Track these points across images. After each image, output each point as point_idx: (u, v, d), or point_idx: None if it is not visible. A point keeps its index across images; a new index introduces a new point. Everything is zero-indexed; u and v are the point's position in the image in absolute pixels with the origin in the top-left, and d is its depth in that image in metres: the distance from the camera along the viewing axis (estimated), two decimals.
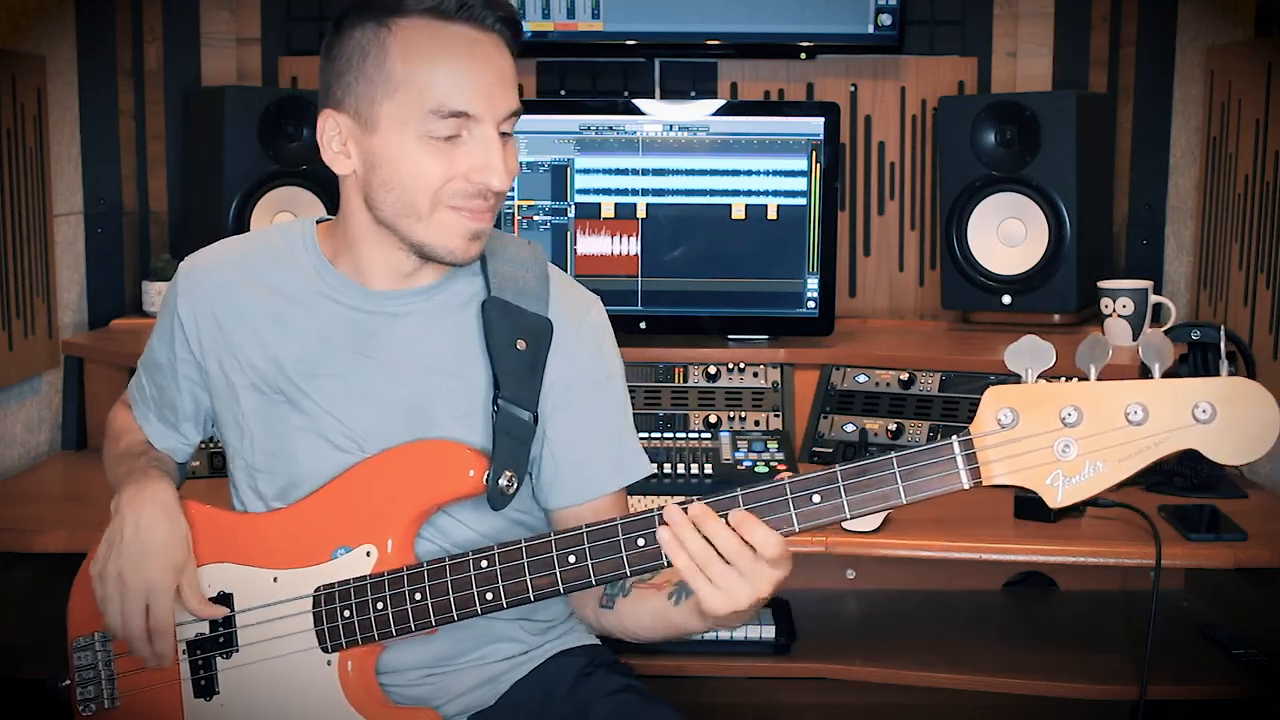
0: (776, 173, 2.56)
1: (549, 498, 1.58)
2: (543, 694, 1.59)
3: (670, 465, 2.30)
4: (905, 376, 2.49)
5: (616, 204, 2.59)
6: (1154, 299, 2.57)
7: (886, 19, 2.75)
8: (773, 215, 2.57)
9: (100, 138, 2.82)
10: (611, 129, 2.58)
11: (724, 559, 1.28)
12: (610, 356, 1.60)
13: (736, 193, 2.57)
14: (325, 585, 1.47)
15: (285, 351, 1.54)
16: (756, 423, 2.49)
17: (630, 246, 2.59)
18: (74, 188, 2.76)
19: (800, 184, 2.56)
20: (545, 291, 1.57)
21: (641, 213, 2.59)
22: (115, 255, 2.84)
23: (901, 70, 2.92)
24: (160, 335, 1.64)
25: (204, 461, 2.34)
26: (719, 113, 2.59)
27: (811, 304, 2.58)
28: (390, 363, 1.52)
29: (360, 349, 1.53)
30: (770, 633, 2.23)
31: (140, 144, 2.93)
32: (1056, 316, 2.71)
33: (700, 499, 1.31)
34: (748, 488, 1.31)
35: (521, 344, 1.52)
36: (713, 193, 2.58)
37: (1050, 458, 1.22)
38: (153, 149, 2.94)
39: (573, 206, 2.59)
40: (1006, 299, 2.71)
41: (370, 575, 1.46)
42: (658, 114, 2.58)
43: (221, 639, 1.52)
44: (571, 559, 1.37)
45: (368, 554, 1.47)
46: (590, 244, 2.59)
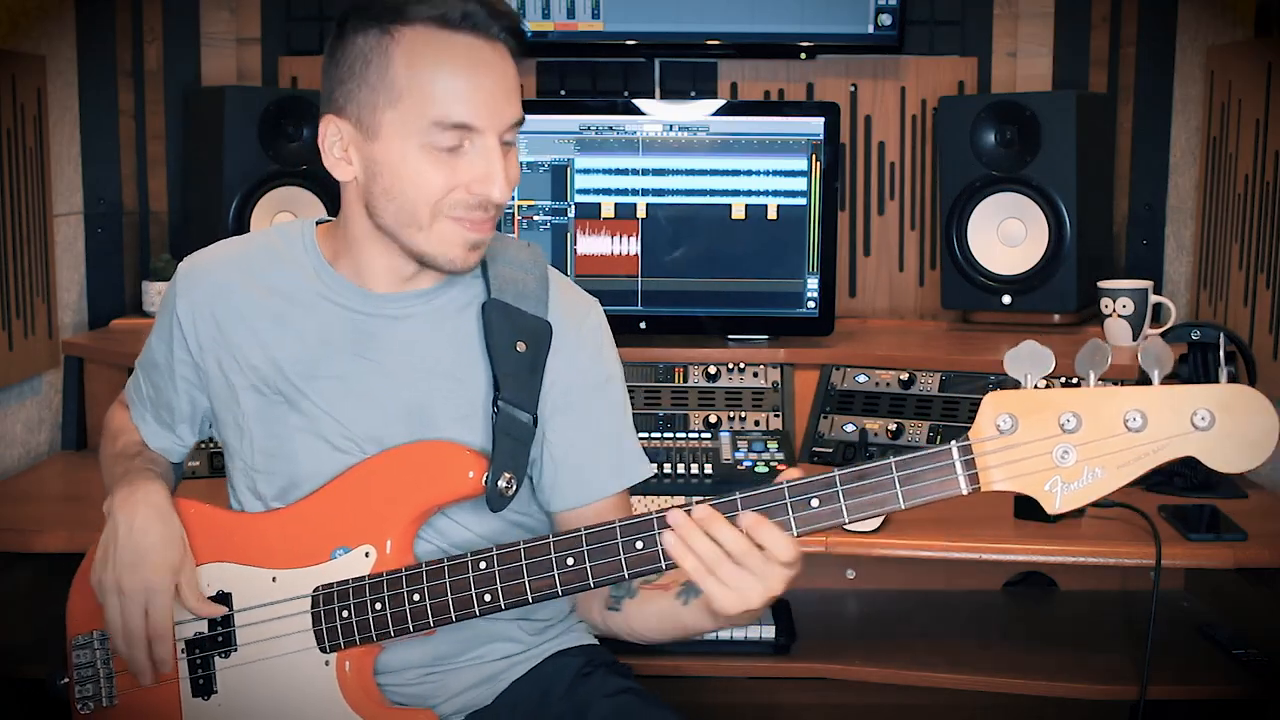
0: (776, 173, 2.56)
1: (550, 500, 1.58)
2: (540, 693, 1.59)
3: (670, 465, 2.30)
4: (905, 376, 2.49)
5: (616, 204, 2.59)
6: (1154, 299, 2.56)
7: (886, 19, 2.75)
8: (773, 215, 2.57)
9: (100, 138, 2.82)
10: (611, 129, 2.58)
11: (733, 560, 1.28)
12: (609, 359, 1.61)
13: (736, 193, 2.57)
14: (324, 585, 1.47)
15: (284, 352, 1.54)
16: (756, 423, 2.49)
17: (630, 246, 2.59)
18: (74, 188, 2.76)
19: (800, 184, 2.56)
20: (545, 294, 1.57)
21: (641, 213, 2.59)
22: (115, 255, 2.84)
23: (901, 70, 2.92)
24: (158, 335, 1.64)
25: (204, 461, 2.35)
26: (719, 113, 2.58)
27: (811, 304, 2.58)
28: (390, 365, 1.53)
29: (360, 351, 1.53)
30: (770, 633, 2.23)
31: (140, 144, 2.93)
32: (1056, 316, 2.71)
33: (706, 500, 1.31)
34: (746, 491, 1.31)
35: (521, 346, 1.52)
36: (713, 193, 2.58)
37: (1049, 464, 1.22)
38: (153, 149, 2.94)
39: (573, 206, 2.59)
40: (1006, 299, 2.71)
41: (369, 576, 1.46)
42: (658, 114, 2.58)
43: (220, 638, 1.52)
44: (570, 561, 1.38)
45: (366, 554, 1.47)
46: (590, 244, 2.59)
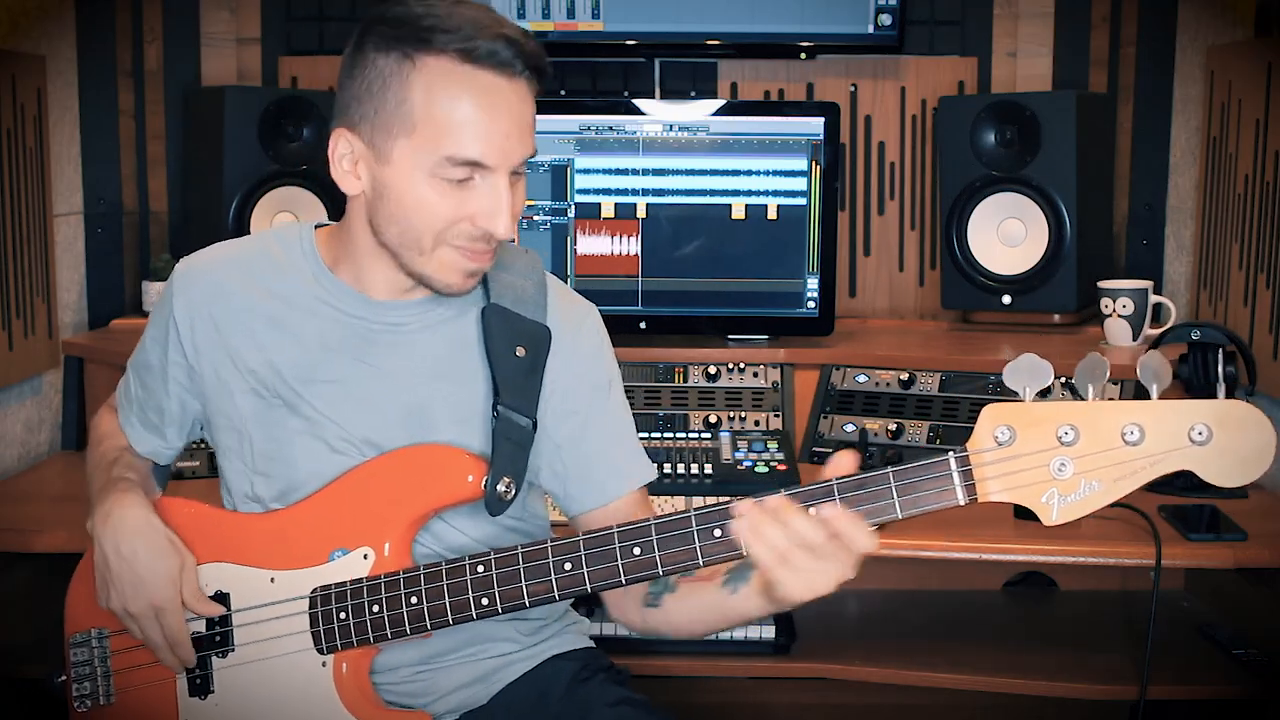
0: (776, 173, 2.56)
1: (568, 506, 1.59)
2: (537, 695, 1.59)
3: (670, 465, 2.30)
4: (905, 376, 2.48)
5: (616, 204, 2.59)
6: (1154, 299, 2.56)
7: (886, 19, 2.74)
8: (773, 215, 2.57)
9: (100, 138, 2.82)
10: (611, 129, 2.58)
11: (808, 548, 1.27)
12: (608, 363, 1.61)
13: (736, 193, 2.57)
14: (322, 587, 1.47)
15: (283, 356, 1.54)
16: (756, 423, 2.49)
17: (630, 246, 2.59)
18: (74, 188, 2.76)
19: (800, 184, 2.56)
20: (543, 299, 1.57)
21: (641, 213, 2.59)
22: (115, 255, 2.85)
23: (901, 70, 2.92)
24: (153, 336, 1.64)
25: (203, 462, 2.34)
26: (719, 113, 2.58)
27: (811, 304, 2.58)
28: (389, 369, 1.53)
29: (359, 355, 1.53)
30: (770, 633, 2.23)
31: (140, 144, 2.93)
32: (1056, 316, 2.71)
33: (705, 500, 1.31)
34: (748, 498, 1.30)
35: (521, 350, 1.52)
36: (713, 193, 2.58)
37: (1046, 476, 1.23)
38: (153, 149, 2.94)
39: (573, 206, 2.59)
40: (1006, 299, 2.71)
41: (367, 578, 1.46)
42: (658, 114, 2.58)
43: (217, 638, 1.52)
44: (567, 566, 1.38)
45: (365, 556, 1.47)
46: (590, 244, 2.59)
